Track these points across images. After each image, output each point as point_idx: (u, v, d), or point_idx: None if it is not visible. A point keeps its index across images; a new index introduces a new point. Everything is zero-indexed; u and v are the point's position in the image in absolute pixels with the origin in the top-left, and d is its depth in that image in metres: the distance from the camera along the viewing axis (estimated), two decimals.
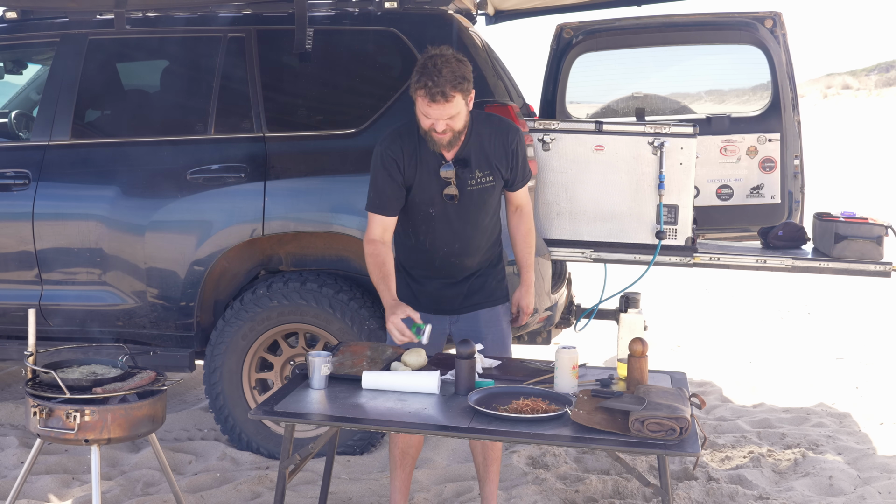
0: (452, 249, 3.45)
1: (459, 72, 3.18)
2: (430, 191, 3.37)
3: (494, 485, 3.60)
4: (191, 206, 4.32)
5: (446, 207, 3.39)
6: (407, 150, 3.33)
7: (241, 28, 4.49)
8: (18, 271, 4.49)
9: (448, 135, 3.26)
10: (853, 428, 5.00)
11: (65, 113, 4.52)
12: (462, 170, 3.34)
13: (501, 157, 3.40)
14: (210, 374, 4.42)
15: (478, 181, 3.38)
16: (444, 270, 3.49)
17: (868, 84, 37.19)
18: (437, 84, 3.14)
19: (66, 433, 3.22)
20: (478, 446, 3.58)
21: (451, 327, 3.55)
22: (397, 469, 3.56)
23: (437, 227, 3.42)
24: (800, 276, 5.62)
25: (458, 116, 3.24)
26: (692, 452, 2.61)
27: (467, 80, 3.21)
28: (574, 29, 5.62)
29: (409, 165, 3.34)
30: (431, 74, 3.14)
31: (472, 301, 3.53)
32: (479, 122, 3.39)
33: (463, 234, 3.44)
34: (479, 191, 3.40)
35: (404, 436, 3.51)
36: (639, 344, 3.07)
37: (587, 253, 4.46)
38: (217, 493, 3.99)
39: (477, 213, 3.44)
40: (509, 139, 3.41)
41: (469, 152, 3.35)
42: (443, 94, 3.15)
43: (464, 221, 3.42)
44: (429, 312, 3.48)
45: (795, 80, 5.47)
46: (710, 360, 6.45)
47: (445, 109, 3.18)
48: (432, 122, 3.23)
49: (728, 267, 4.51)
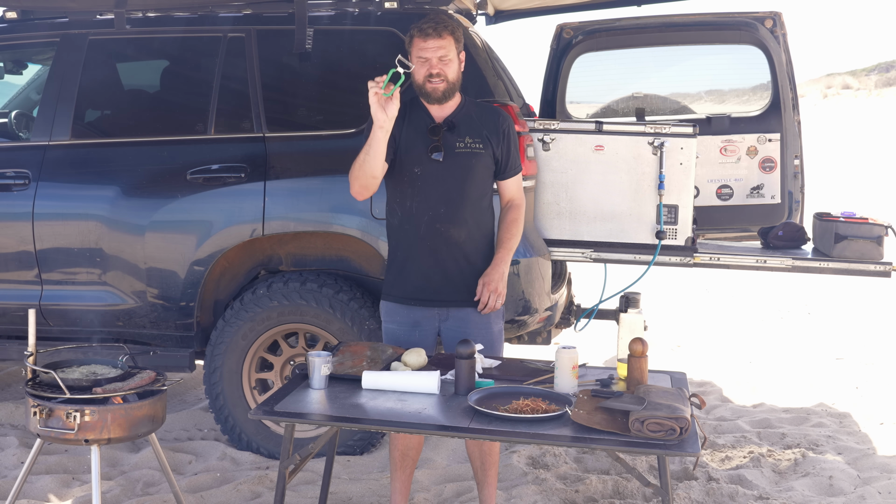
0: (438, 214, 3.44)
1: (455, 23, 3.45)
2: (416, 150, 3.44)
3: (493, 488, 3.59)
4: (191, 206, 4.32)
5: (433, 167, 3.43)
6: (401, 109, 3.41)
7: (241, 28, 4.49)
8: (18, 271, 4.49)
9: (443, 84, 3.40)
10: (853, 428, 5.00)
11: (65, 113, 4.52)
12: (449, 133, 3.44)
13: (493, 132, 3.50)
14: (210, 374, 4.42)
15: (466, 145, 3.45)
16: (429, 241, 3.45)
17: (868, 84, 37.16)
18: (428, 22, 3.39)
19: (66, 433, 3.22)
20: (475, 450, 3.56)
21: (441, 325, 3.53)
22: (398, 470, 3.56)
23: (422, 189, 3.45)
24: (800, 276, 5.62)
25: (451, 63, 3.41)
26: (692, 452, 2.61)
27: (459, 31, 3.44)
28: (574, 29, 5.62)
29: (398, 123, 3.41)
30: (425, 20, 3.42)
31: (461, 296, 3.48)
32: (471, 103, 3.55)
33: (448, 199, 3.45)
34: (467, 154, 3.44)
35: (404, 437, 3.51)
36: (639, 344, 3.07)
37: (587, 253, 4.46)
38: (217, 493, 3.99)
39: (464, 177, 3.45)
40: (500, 120, 3.54)
41: (458, 119, 3.47)
42: (435, 30, 3.37)
43: (449, 185, 3.44)
44: (416, 304, 3.48)
45: (795, 80, 5.47)
46: (710, 360, 6.45)
47: (439, 47, 3.37)
48: (428, 67, 3.39)
49: (728, 267, 4.50)
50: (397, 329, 3.54)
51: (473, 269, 3.49)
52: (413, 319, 3.50)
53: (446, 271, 3.47)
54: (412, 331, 3.50)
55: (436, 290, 3.47)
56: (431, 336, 3.54)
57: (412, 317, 3.51)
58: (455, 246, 3.47)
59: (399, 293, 3.51)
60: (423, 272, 3.48)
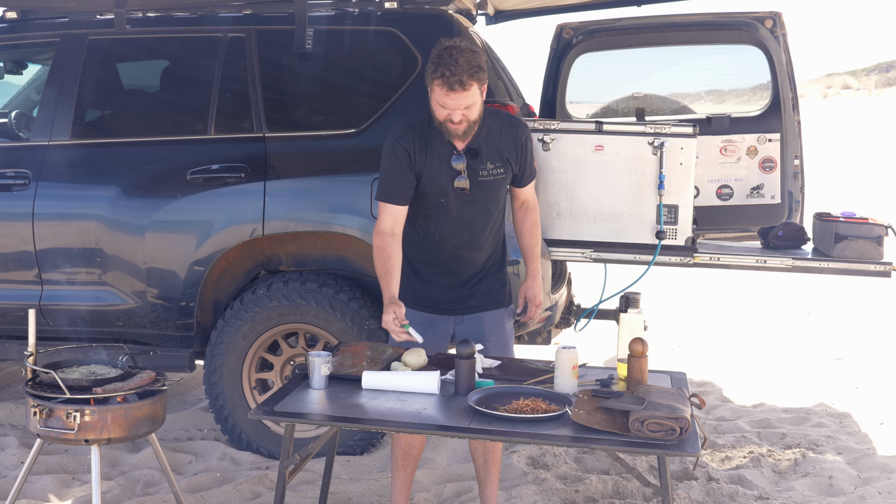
0: (461, 241, 3.45)
1: (475, 61, 3.21)
2: (440, 181, 3.37)
3: (495, 487, 3.60)
4: (191, 206, 4.32)
5: (457, 198, 3.40)
6: (418, 141, 3.35)
7: (241, 28, 4.49)
8: (18, 271, 4.49)
9: (464, 125, 3.28)
10: (853, 428, 5.00)
11: (65, 113, 4.52)
12: (473, 160, 3.37)
13: (512, 151, 3.43)
14: (210, 374, 4.42)
15: (489, 172, 3.40)
16: (451, 265, 3.49)
17: (868, 84, 37.14)
18: (454, 73, 3.16)
19: (66, 433, 3.22)
20: (478, 448, 3.57)
21: (456, 328, 3.55)
22: (399, 470, 3.56)
23: (447, 218, 3.43)
24: (800, 276, 5.62)
25: (474, 106, 3.26)
26: (692, 452, 2.61)
27: (482, 69, 3.24)
28: (574, 29, 5.62)
29: (419, 155, 3.35)
30: (448, 64, 3.17)
31: (475, 303, 3.53)
32: (488, 115, 3.41)
33: (472, 226, 3.45)
34: (491, 182, 3.42)
35: (406, 436, 3.51)
36: (639, 344, 3.07)
37: (587, 253, 4.46)
38: (217, 493, 3.99)
39: (487, 204, 3.45)
40: (519, 133, 3.45)
41: (480, 143, 3.38)
42: (461, 83, 3.17)
43: (474, 212, 3.44)
44: (431, 312, 3.49)
45: (795, 80, 5.47)
46: (710, 360, 6.45)
47: (463, 99, 3.21)
48: (448, 113, 3.25)
49: (728, 267, 4.50)
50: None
51: (488, 280, 3.54)
52: (428, 320, 3.52)
53: (463, 287, 3.51)
54: (426, 330, 3.49)
55: (452, 303, 3.51)
56: (445, 337, 3.56)
57: (427, 319, 3.52)
58: (475, 265, 3.51)
59: (414, 300, 3.50)
60: (442, 289, 3.51)
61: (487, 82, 3.31)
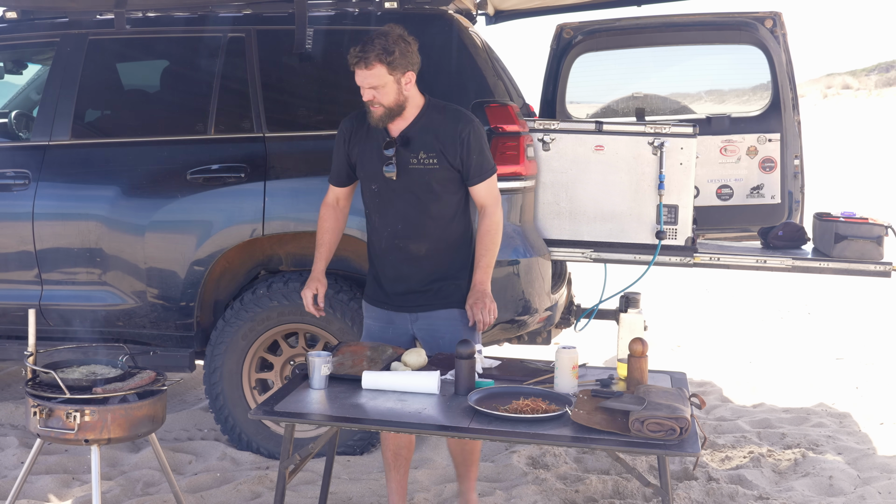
0: (395, 230, 3.45)
1: (391, 47, 3.27)
2: (372, 167, 3.43)
3: (473, 482, 3.63)
4: (191, 206, 4.32)
5: (388, 184, 3.42)
6: (359, 126, 3.46)
7: (241, 28, 4.49)
8: (18, 271, 4.49)
9: (379, 110, 3.34)
10: (853, 428, 5.00)
11: (65, 113, 4.52)
12: (403, 148, 3.38)
13: (449, 143, 3.38)
14: (210, 374, 4.42)
15: (419, 161, 3.39)
16: (391, 254, 3.49)
17: (868, 84, 37.15)
18: (361, 50, 3.26)
19: (66, 433, 3.22)
20: (457, 449, 3.58)
21: (412, 326, 3.55)
22: (391, 471, 3.57)
23: (380, 205, 3.48)
24: (800, 276, 5.62)
25: (384, 89, 3.30)
26: (692, 452, 2.61)
27: (399, 56, 3.28)
28: (574, 29, 5.62)
29: (356, 140, 3.45)
30: (364, 43, 3.27)
31: (425, 301, 3.50)
32: (435, 109, 3.44)
33: (405, 215, 3.45)
34: (421, 171, 3.40)
35: (395, 436, 3.51)
36: (639, 344, 3.07)
37: (587, 253, 4.46)
38: (217, 493, 3.99)
39: (419, 193, 3.42)
40: (461, 127, 3.40)
41: (414, 133, 3.40)
42: (364, 61, 3.25)
43: (405, 201, 3.43)
44: (389, 309, 3.53)
45: (795, 80, 5.47)
46: (710, 360, 6.45)
47: (366, 77, 3.28)
48: (363, 92, 3.32)
49: (728, 267, 4.51)
50: (373, 325, 3.61)
51: (441, 278, 3.49)
52: (387, 318, 3.56)
53: (410, 284, 3.50)
54: (387, 328, 3.56)
55: (403, 299, 3.51)
56: (406, 334, 3.57)
57: (386, 316, 3.56)
58: (417, 260, 3.47)
59: (372, 295, 3.59)
60: (390, 282, 3.52)
61: (410, 73, 3.33)
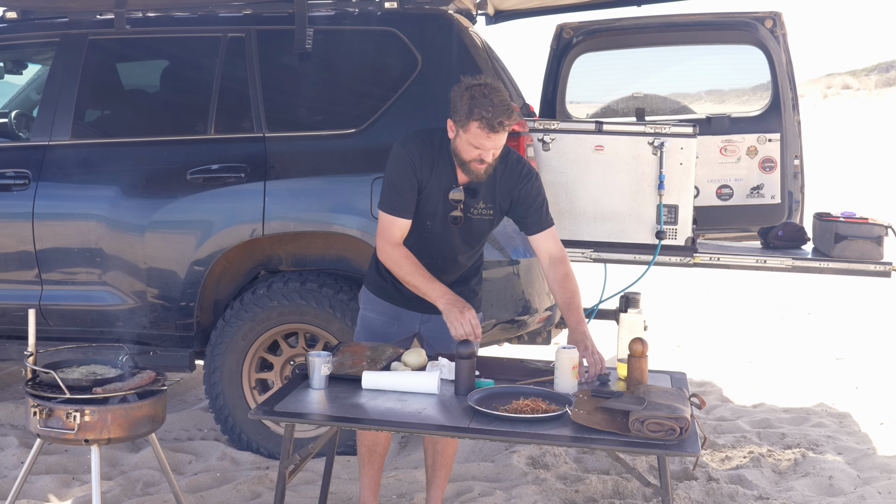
0: (434, 263, 3.40)
1: (507, 100, 3.15)
2: (433, 205, 3.34)
3: (440, 489, 3.62)
4: (191, 206, 4.32)
5: (444, 226, 3.37)
6: (426, 159, 3.29)
7: (241, 28, 4.49)
8: (18, 271, 4.48)
9: (489, 167, 3.23)
10: (853, 428, 5.00)
11: (65, 113, 4.52)
12: (470, 198, 3.34)
13: (506, 194, 3.37)
14: (210, 374, 4.42)
15: (479, 212, 3.37)
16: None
17: (868, 84, 37.13)
18: (495, 115, 3.08)
19: (66, 433, 3.22)
20: (429, 448, 3.58)
21: (421, 326, 3.54)
22: (365, 465, 3.56)
23: (427, 240, 3.40)
24: (800, 276, 5.62)
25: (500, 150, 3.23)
26: (692, 452, 2.62)
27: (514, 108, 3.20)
28: (574, 29, 5.63)
29: (423, 173, 3.29)
30: (486, 105, 3.08)
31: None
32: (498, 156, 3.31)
33: (450, 255, 3.44)
34: (479, 221, 3.39)
35: (371, 434, 3.48)
36: (639, 344, 3.08)
37: (587, 253, 4.46)
38: (217, 493, 3.99)
39: (470, 240, 3.43)
40: (521, 182, 3.36)
41: (480, 183, 3.32)
42: (502, 125, 3.10)
43: (455, 244, 3.42)
44: (399, 306, 3.49)
45: (795, 80, 5.47)
46: (710, 360, 6.45)
47: (501, 140, 3.16)
48: (481, 153, 3.16)
49: (728, 267, 4.51)
50: (376, 319, 3.55)
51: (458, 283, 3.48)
52: (395, 314, 3.52)
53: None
54: (391, 323, 3.52)
55: (421, 302, 3.42)
56: (410, 332, 3.55)
57: (394, 312, 3.52)
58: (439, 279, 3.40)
59: (380, 288, 3.51)
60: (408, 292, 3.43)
61: None
